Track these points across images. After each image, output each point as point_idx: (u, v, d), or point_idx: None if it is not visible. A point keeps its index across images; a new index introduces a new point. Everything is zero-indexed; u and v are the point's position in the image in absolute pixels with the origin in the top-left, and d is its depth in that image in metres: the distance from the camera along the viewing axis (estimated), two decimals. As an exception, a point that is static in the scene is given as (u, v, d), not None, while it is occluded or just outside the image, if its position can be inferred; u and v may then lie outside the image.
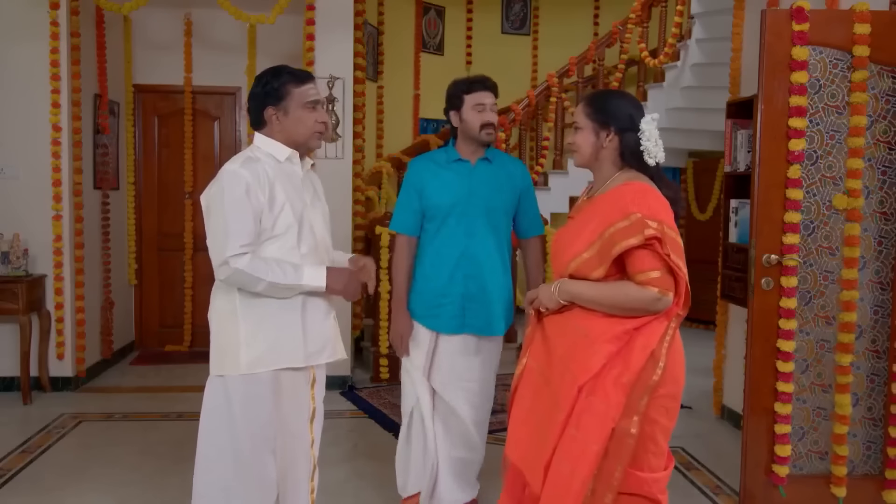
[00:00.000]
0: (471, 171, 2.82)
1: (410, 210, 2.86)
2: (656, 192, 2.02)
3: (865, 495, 3.13)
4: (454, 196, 2.79)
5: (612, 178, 2.09)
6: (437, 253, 2.81)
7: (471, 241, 2.78)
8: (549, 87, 6.58)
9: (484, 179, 2.82)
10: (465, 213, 2.78)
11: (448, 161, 2.85)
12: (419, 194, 2.84)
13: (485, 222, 2.80)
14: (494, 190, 2.82)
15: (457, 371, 2.83)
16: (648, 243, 1.92)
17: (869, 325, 3.10)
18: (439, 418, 2.87)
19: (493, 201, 2.81)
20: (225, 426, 2.25)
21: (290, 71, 2.29)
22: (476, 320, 2.81)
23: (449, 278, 2.79)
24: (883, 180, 3.07)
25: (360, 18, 5.26)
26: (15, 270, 4.60)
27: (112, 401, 4.73)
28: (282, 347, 2.25)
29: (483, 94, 2.77)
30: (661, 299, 1.93)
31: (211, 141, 6.09)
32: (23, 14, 4.73)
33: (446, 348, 2.83)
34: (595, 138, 2.10)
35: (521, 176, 2.91)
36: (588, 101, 2.16)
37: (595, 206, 2.07)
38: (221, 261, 2.16)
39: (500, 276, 2.85)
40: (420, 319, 2.85)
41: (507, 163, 2.92)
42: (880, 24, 2.99)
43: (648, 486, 1.96)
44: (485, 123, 2.76)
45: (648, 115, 2.08)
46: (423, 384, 2.85)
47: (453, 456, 2.89)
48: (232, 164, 2.23)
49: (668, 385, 1.94)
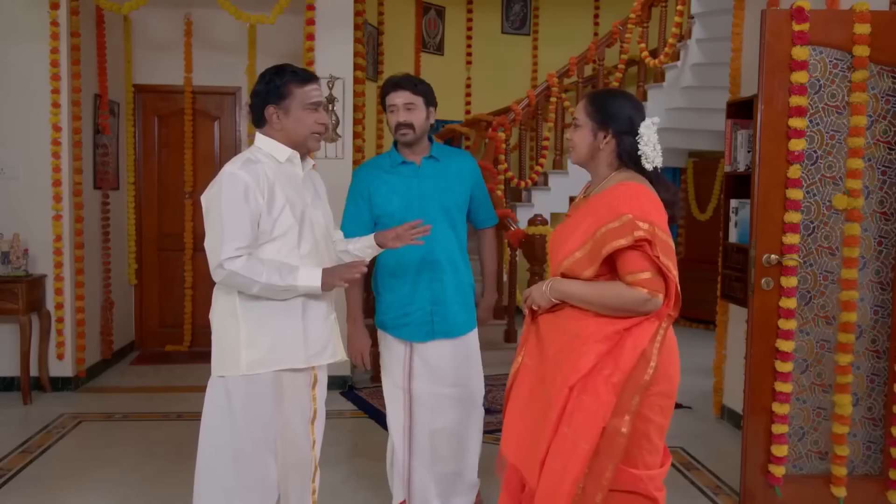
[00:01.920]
0: (417, 172, 2.75)
1: (360, 220, 2.76)
2: (650, 194, 2.01)
3: (865, 495, 3.13)
4: (404, 200, 2.71)
5: (609, 178, 2.09)
6: (397, 261, 2.74)
7: (430, 245, 2.66)
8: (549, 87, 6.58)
9: (433, 179, 2.74)
10: (420, 217, 2.63)
11: (392, 165, 2.77)
12: (368, 203, 2.75)
13: (442, 222, 2.72)
14: (445, 188, 2.75)
15: (436, 377, 2.78)
16: (638, 245, 1.92)
17: (869, 325, 3.10)
18: (423, 435, 2.81)
19: (445, 199, 2.75)
20: (226, 427, 2.25)
21: (293, 70, 2.28)
22: (445, 324, 2.76)
23: (413, 285, 2.74)
24: (883, 180, 3.07)
25: (360, 18, 5.26)
26: (15, 270, 4.60)
27: (112, 401, 4.73)
28: (283, 348, 2.25)
29: (393, 95, 2.67)
30: (651, 300, 1.94)
31: (211, 141, 6.09)
32: (23, 14, 4.73)
33: (422, 356, 2.78)
34: (592, 138, 2.10)
35: (471, 169, 2.85)
36: (590, 99, 2.15)
37: (590, 205, 2.08)
38: (217, 263, 2.16)
39: (463, 275, 2.82)
40: (390, 331, 2.79)
41: (454, 157, 2.84)
42: (880, 24, 2.99)
43: (644, 483, 1.97)
44: (397, 124, 2.68)
45: (649, 118, 2.07)
46: (398, 406, 2.81)
47: (437, 472, 2.84)
48: (232, 165, 2.23)
49: (661, 383, 1.95)
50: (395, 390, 2.82)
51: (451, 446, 2.85)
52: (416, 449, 2.83)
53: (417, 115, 2.69)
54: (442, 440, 2.83)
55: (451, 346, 2.80)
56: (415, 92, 2.68)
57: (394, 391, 2.83)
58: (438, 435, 2.82)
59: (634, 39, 6.79)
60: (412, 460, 2.84)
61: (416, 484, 2.84)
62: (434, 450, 2.84)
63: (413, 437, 2.82)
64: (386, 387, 2.87)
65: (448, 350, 2.79)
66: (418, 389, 2.79)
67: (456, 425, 2.83)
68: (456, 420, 2.83)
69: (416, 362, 2.79)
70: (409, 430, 2.82)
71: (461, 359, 2.83)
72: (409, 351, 2.79)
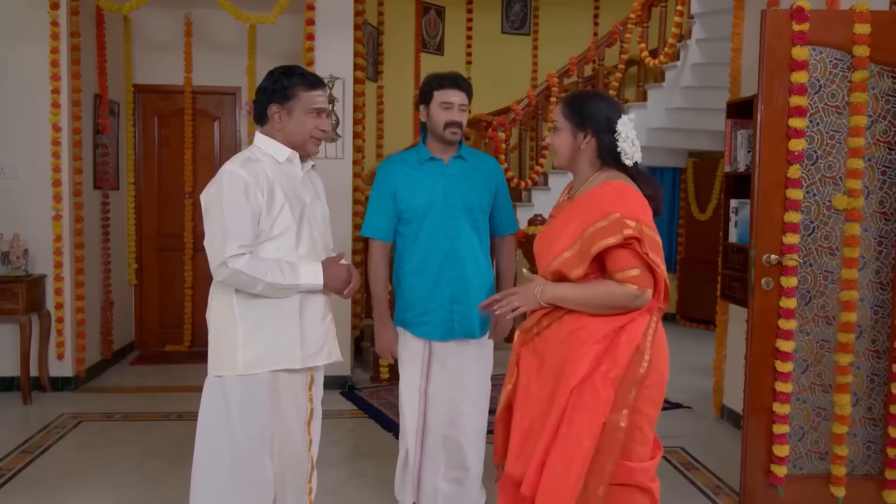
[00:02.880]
0: (444, 170, 2.76)
1: (384, 214, 2.77)
2: (635, 192, 2.04)
3: (865, 495, 3.13)
4: (429, 197, 2.72)
5: (592, 178, 2.12)
6: (420, 258, 2.74)
7: (454, 243, 2.71)
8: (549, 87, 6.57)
9: (459, 178, 2.75)
10: (445, 214, 2.71)
11: (420, 161, 2.77)
12: (393, 197, 2.75)
13: (466, 222, 2.74)
14: (470, 188, 2.76)
15: (453, 378, 2.78)
16: (627, 242, 1.95)
17: (869, 325, 3.10)
18: (436, 439, 2.80)
19: (470, 199, 2.75)
20: (222, 426, 2.25)
21: (303, 73, 2.29)
22: (465, 323, 2.75)
23: (434, 283, 2.73)
24: (883, 180, 3.07)
25: (360, 18, 5.26)
26: (15, 270, 4.60)
27: (112, 401, 4.73)
28: (279, 349, 2.26)
29: (452, 93, 2.70)
30: (641, 296, 1.98)
31: (211, 141, 6.09)
32: (23, 14, 4.73)
33: (440, 357, 2.77)
34: (573, 139, 2.13)
35: (495, 173, 2.86)
36: (565, 102, 2.18)
37: (576, 206, 2.10)
38: (220, 261, 2.16)
39: (485, 275, 2.82)
40: (410, 328, 2.79)
41: (480, 160, 2.86)
42: (880, 24, 2.99)
43: (637, 475, 2.01)
44: (449, 122, 2.70)
45: (625, 115, 2.10)
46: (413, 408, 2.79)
47: (448, 476, 2.83)
48: (231, 164, 2.23)
49: (653, 376, 1.99)
50: (412, 392, 2.80)
51: (463, 451, 2.83)
52: (427, 452, 2.81)
53: (465, 116, 2.75)
54: (454, 444, 2.82)
55: (470, 346, 2.80)
56: (468, 95, 2.75)
57: (410, 393, 2.81)
58: (451, 439, 2.81)
59: (634, 39, 6.79)
60: (423, 463, 2.82)
61: (427, 489, 2.83)
62: (447, 454, 2.83)
63: (425, 440, 2.81)
64: (402, 388, 2.84)
65: (467, 351, 2.79)
66: (434, 391, 2.78)
67: (469, 430, 2.82)
68: (469, 424, 2.82)
69: (434, 363, 2.78)
70: (422, 432, 2.80)
71: (480, 361, 2.83)
72: (428, 350, 2.78)
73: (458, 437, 2.81)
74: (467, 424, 2.81)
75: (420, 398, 2.79)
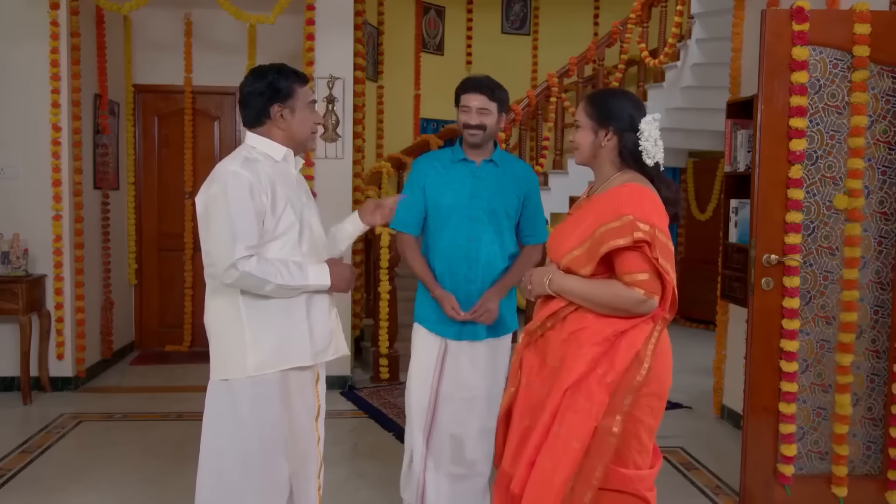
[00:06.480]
0: (474, 172, 2.78)
1: (414, 209, 2.82)
2: (652, 195, 2.02)
3: (866, 495, 3.13)
4: (455, 197, 2.75)
5: (612, 179, 2.10)
6: (441, 257, 2.78)
7: (473, 245, 2.74)
8: (549, 87, 6.57)
9: (487, 181, 2.77)
10: (467, 216, 2.73)
11: (453, 161, 2.81)
12: (423, 192, 2.80)
13: (487, 225, 2.75)
14: (497, 192, 2.77)
15: (465, 378, 2.79)
16: (637, 246, 1.93)
17: (869, 325, 3.10)
18: (443, 438, 2.80)
19: (495, 203, 2.76)
20: (231, 430, 2.21)
21: (293, 70, 2.30)
22: (471, 325, 2.76)
23: (452, 282, 2.76)
24: (883, 180, 3.08)
25: (360, 18, 5.26)
26: (15, 270, 4.60)
27: (112, 401, 4.73)
28: (289, 347, 2.24)
29: (470, 96, 2.71)
30: (647, 302, 1.94)
31: (211, 141, 6.09)
32: (23, 14, 4.73)
33: (454, 355, 2.79)
34: (594, 137, 2.11)
35: (526, 178, 2.85)
36: (589, 99, 2.17)
37: (592, 204, 2.09)
38: (229, 264, 2.11)
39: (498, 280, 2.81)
40: (426, 324, 2.81)
41: (513, 165, 2.87)
42: (880, 24, 2.99)
43: (634, 483, 1.98)
44: (466, 125, 2.71)
45: (650, 115, 2.08)
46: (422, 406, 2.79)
47: (452, 474, 2.83)
48: (231, 164, 2.19)
49: (652, 384, 1.96)
50: (423, 389, 2.80)
51: (467, 448, 2.83)
52: (432, 451, 2.82)
53: (490, 119, 2.73)
54: (459, 442, 2.82)
55: (484, 347, 2.81)
56: (491, 98, 2.72)
57: (420, 390, 2.81)
58: (457, 438, 2.81)
59: (634, 39, 6.79)
60: (427, 461, 2.82)
61: (430, 488, 2.82)
62: (451, 451, 2.83)
63: (431, 439, 2.81)
64: (412, 384, 2.84)
65: (481, 351, 2.80)
66: (446, 390, 2.79)
67: (476, 430, 2.82)
68: (477, 423, 2.82)
69: (448, 361, 2.80)
70: (429, 431, 2.81)
71: (493, 361, 2.84)
72: (444, 349, 2.80)
73: (465, 435, 2.81)
74: (475, 423, 2.81)
75: (431, 395, 2.80)
